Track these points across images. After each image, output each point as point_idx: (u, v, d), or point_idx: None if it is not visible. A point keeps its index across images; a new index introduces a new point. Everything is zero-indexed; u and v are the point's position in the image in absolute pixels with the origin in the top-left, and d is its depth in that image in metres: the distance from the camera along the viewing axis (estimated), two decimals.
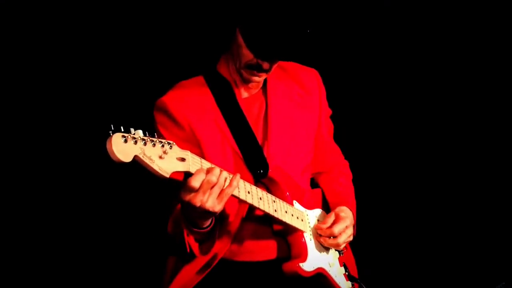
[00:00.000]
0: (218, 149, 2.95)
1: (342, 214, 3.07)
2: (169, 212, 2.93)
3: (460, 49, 4.39)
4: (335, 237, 3.02)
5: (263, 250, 3.01)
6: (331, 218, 3.06)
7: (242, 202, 2.79)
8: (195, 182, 2.56)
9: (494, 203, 4.42)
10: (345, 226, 3.05)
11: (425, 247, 4.51)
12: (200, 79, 3.08)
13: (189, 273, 2.94)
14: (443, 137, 4.49)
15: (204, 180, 2.57)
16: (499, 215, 4.41)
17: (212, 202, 2.60)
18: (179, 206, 2.84)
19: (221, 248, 2.93)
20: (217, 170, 2.60)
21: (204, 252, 2.84)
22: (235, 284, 2.97)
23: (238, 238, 2.98)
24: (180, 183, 2.81)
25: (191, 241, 2.78)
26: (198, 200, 2.58)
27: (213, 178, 2.58)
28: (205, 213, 2.63)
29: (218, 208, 2.62)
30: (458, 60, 4.40)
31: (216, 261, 2.93)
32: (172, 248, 2.98)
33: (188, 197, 2.58)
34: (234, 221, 2.95)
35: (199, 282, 2.93)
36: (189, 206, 2.60)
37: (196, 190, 2.57)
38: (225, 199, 2.62)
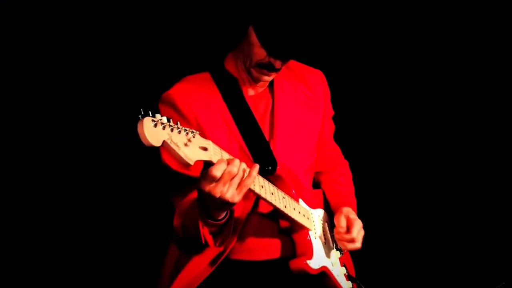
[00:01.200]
0: (225, 145, 2.93)
1: (352, 216, 3.08)
2: (176, 204, 2.93)
3: (460, 49, 4.41)
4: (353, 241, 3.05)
5: (267, 248, 3.00)
6: (343, 220, 3.07)
7: (255, 195, 2.78)
8: (217, 172, 2.55)
9: (494, 203, 4.44)
10: (359, 228, 3.07)
11: (425, 247, 4.52)
12: (206, 75, 3.08)
13: (194, 271, 2.93)
14: (443, 137, 4.51)
15: (225, 170, 2.56)
16: (499, 215, 4.43)
17: (231, 193, 2.59)
18: (187, 198, 2.85)
19: (227, 244, 2.91)
20: (237, 161, 2.60)
21: (218, 244, 2.81)
22: (237, 283, 2.96)
23: (241, 236, 2.97)
24: (185, 176, 2.85)
25: (205, 233, 2.75)
26: (218, 190, 2.57)
27: (234, 168, 2.57)
28: (224, 204, 2.62)
29: (237, 199, 2.61)
30: (458, 60, 4.42)
31: (222, 257, 2.92)
32: (180, 241, 2.96)
33: (209, 187, 2.57)
34: (240, 217, 2.94)
35: (204, 281, 2.92)
36: (209, 196, 2.59)
37: (217, 180, 2.56)
38: (244, 190, 2.62)
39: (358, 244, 3.06)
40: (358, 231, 3.05)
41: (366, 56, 4.46)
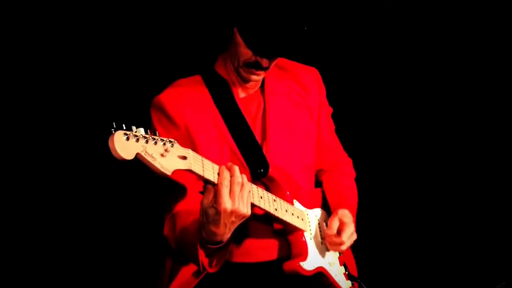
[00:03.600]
0: (215, 149, 2.94)
1: (345, 220, 3.04)
2: (167, 212, 2.94)
3: (460, 49, 4.40)
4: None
5: (263, 250, 2.99)
6: (336, 223, 3.04)
7: None
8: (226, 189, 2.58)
9: (494, 203, 4.43)
10: (351, 233, 3.04)
11: (425, 247, 4.51)
12: (197, 78, 3.08)
13: (187, 274, 2.92)
14: (444, 135, 4.50)
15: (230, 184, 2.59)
16: (499, 215, 4.42)
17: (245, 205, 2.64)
18: (176, 210, 2.87)
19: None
20: (235, 168, 2.61)
21: (214, 264, 2.79)
22: (234, 285, 2.95)
23: (238, 238, 2.94)
24: (175, 183, 2.85)
25: (203, 259, 2.75)
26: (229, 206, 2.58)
27: (238, 179, 2.61)
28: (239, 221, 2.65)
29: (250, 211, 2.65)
30: (458, 59, 4.40)
31: None
32: (170, 251, 2.96)
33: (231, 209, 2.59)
34: None
35: (199, 282, 2.90)
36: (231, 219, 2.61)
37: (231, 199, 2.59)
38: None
39: (343, 247, 3.02)
40: (348, 236, 3.02)
41: (365, 55, 4.45)
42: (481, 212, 4.44)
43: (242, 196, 2.60)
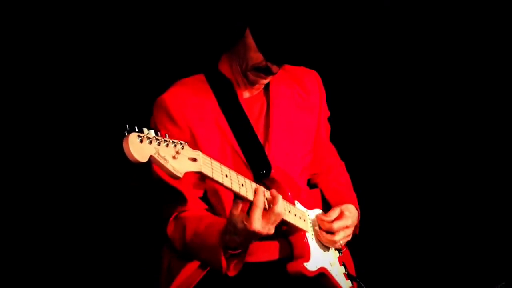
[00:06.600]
0: (217, 149, 2.94)
1: (346, 213, 3.07)
2: (166, 213, 2.96)
3: (460, 50, 4.40)
4: (332, 233, 3.02)
5: (265, 250, 3.00)
6: (335, 212, 3.06)
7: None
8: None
9: (494, 203, 4.43)
10: (345, 225, 3.05)
11: (425, 247, 4.51)
12: (201, 77, 3.08)
13: (187, 273, 2.94)
14: (440, 138, 4.50)
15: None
16: (499, 215, 4.42)
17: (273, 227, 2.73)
18: (178, 212, 2.89)
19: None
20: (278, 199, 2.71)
21: (234, 266, 2.84)
22: (236, 284, 2.93)
23: None
24: (175, 189, 2.88)
25: (223, 261, 2.79)
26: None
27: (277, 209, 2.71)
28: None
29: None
30: (458, 61, 4.40)
31: None
32: (176, 251, 2.97)
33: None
34: None
35: (200, 282, 2.92)
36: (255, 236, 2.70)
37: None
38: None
39: (335, 238, 3.04)
40: (340, 226, 3.04)
41: (365, 56, 4.45)
42: (481, 212, 4.45)
43: (274, 222, 2.69)
